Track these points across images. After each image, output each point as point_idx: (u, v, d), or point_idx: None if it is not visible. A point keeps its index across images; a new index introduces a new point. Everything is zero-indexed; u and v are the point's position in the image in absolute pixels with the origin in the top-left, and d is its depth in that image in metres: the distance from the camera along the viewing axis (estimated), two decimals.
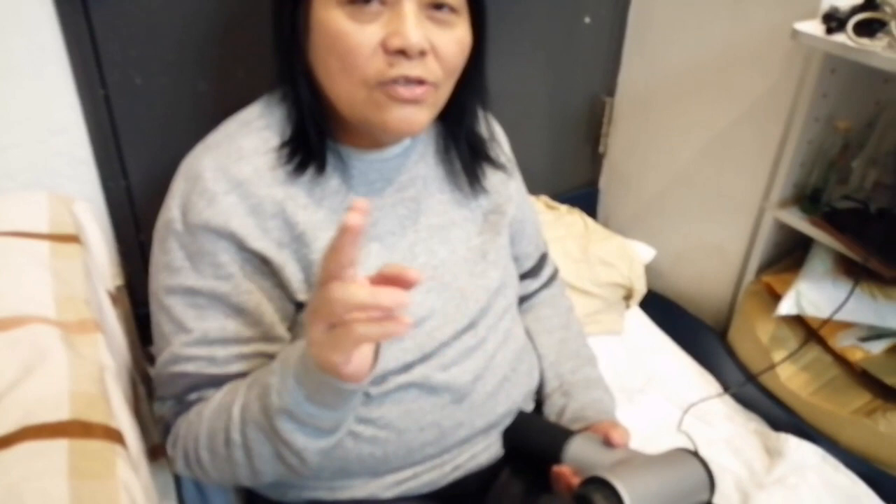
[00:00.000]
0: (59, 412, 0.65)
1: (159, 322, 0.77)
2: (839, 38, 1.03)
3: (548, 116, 1.56)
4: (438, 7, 0.68)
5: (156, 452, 0.87)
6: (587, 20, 1.46)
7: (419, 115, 0.70)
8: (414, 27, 0.65)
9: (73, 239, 0.91)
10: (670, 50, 1.44)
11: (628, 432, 0.82)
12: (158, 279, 0.76)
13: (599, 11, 1.47)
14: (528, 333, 0.98)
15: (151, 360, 0.84)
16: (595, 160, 1.69)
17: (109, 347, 0.79)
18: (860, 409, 1.17)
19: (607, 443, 0.79)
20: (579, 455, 0.79)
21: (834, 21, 1.03)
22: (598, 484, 0.67)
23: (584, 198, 1.68)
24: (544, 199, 1.56)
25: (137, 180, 1.13)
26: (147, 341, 0.91)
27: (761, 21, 1.24)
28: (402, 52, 0.66)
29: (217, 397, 0.73)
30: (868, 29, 0.99)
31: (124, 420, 0.71)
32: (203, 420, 0.73)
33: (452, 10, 0.69)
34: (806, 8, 1.14)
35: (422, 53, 0.67)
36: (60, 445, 0.62)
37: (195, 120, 1.11)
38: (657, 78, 1.49)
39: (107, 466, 0.62)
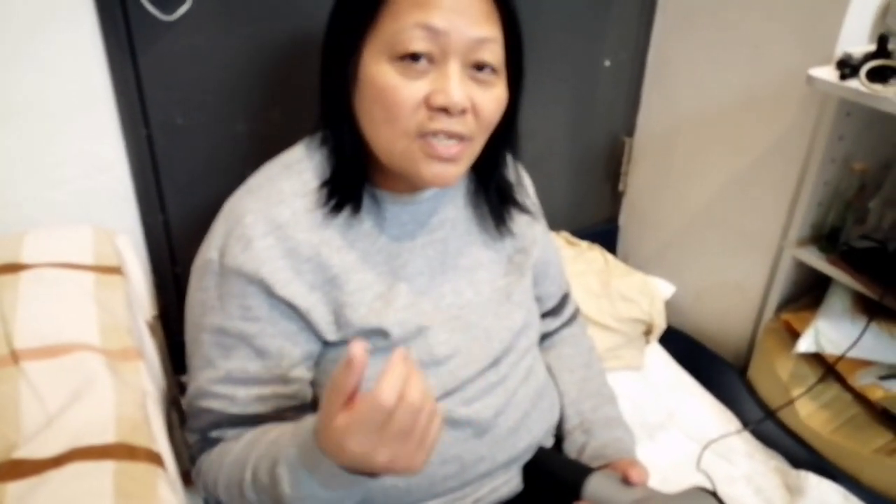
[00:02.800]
0: (106, 435, 0.68)
1: (191, 354, 0.80)
2: (852, 83, 1.06)
3: (569, 155, 1.60)
4: (481, 68, 0.71)
5: (187, 478, 0.90)
6: (607, 63, 1.51)
7: (454, 170, 0.74)
8: (458, 87, 0.69)
9: (115, 270, 0.95)
10: (688, 92, 1.48)
11: (647, 471, 0.84)
12: (193, 313, 0.79)
13: (619, 55, 1.51)
14: (550, 370, 1.00)
15: (183, 388, 0.88)
16: (615, 198, 1.73)
17: (149, 375, 0.83)
18: (882, 449, 1.18)
19: (626, 481, 0.80)
20: (598, 492, 0.80)
21: (847, 67, 1.06)
22: None
23: (604, 234, 1.71)
24: (565, 234, 1.59)
25: (175, 215, 1.18)
26: (179, 370, 0.95)
27: (778, 66, 1.28)
28: (445, 110, 0.69)
29: (235, 450, 0.76)
30: (881, 75, 1.03)
31: (164, 444, 0.75)
32: (223, 467, 0.76)
33: (493, 70, 0.73)
34: (821, 54, 1.18)
35: (462, 111, 0.70)
36: (107, 467, 0.65)
37: (232, 159, 1.17)
38: (676, 119, 1.53)
39: (149, 488, 0.66)
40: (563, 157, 1.59)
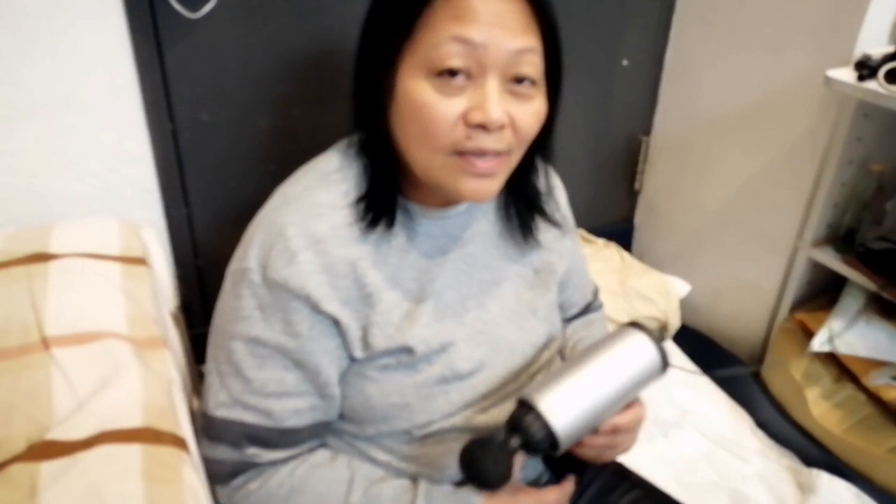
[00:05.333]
0: (133, 420, 0.71)
1: (217, 357, 0.78)
2: (871, 85, 1.07)
3: (586, 153, 1.61)
4: (520, 81, 0.69)
5: None
6: (625, 63, 1.52)
7: (491, 185, 0.72)
8: (496, 103, 0.67)
9: (141, 262, 0.98)
10: (706, 92, 1.49)
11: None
12: (225, 319, 0.77)
13: (637, 55, 1.52)
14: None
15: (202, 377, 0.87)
16: (631, 196, 1.73)
17: (174, 363, 0.86)
18: (895, 448, 1.18)
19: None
20: (552, 403, 0.71)
21: (866, 69, 1.07)
22: (524, 407, 0.67)
23: (620, 233, 1.72)
24: (581, 232, 1.60)
25: (198, 209, 1.20)
26: (201, 360, 0.96)
27: (796, 67, 1.28)
28: (483, 126, 0.67)
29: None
30: None
31: (188, 430, 0.77)
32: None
33: (533, 83, 0.71)
34: (840, 55, 1.18)
35: (500, 127, 0.68)
36: (135, 450, 0.67)
37: (255, 154, 1.19)
38: (693, 119, 1.53)
39: (175, 471, 0.68)
40: (580, 155, 1.60)
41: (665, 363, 0.72)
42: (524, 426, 0.67)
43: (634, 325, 0.74)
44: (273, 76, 1.15)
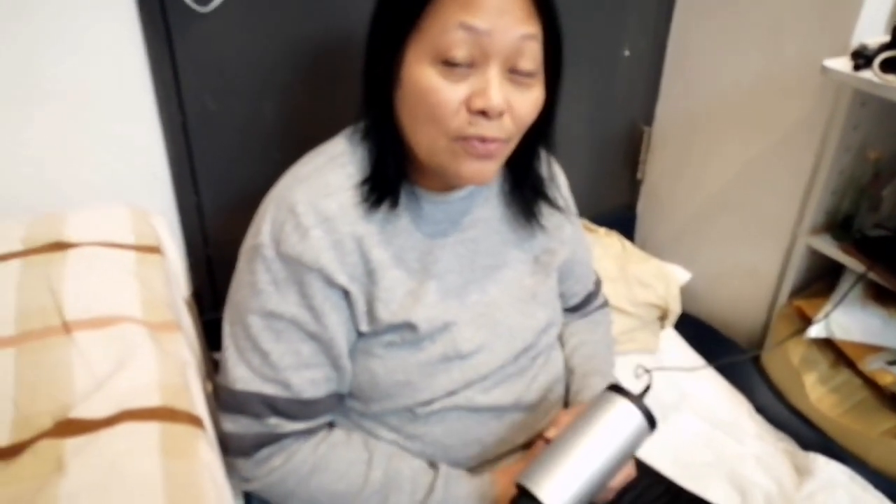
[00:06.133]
0: (151, 399, 0.74)
1: (235, 334, 0.82)
2: (866, 74, 1.09)
3: (589, 143, 1.63)
4: (519, 70, 0.73)
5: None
6: (627, 53, 1.54)
7: (490, 167, 0.76)
8: (497, 90, 0.71)
9: (154, 249, 1.01)
10: (706, 81, 1.50)
11: (567, 414, 0.83)
12: (241, 295, 0.81)
13: (638, 44, 1.54)
14: (560, 341, 1.03)
15: (216, 365, 0.90)
16: (633, 185, 1.76)
17: (188, 346, 0.89)
18: (889, 431, 1.21)
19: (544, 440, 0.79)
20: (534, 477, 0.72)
21: (862, 58, 1.09)
22: (525, 495, 0.68)
23: (623, 221, 1.74)
24: (584, 221, 1.62)
25: (208, 197, 1.23)
26: (213, 347, 0.99)
27: (794, 55, 1.30)
28: (484, 113, 0.72)
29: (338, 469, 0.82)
30: (894, 66, 1.05)
31: (202, 409, 0.80)
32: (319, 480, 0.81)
33: (531, 73, 0.74)
34: (838, 44, 1.20)
35: (500, 114, 0.72)
36: (153, 427, 0.70)
37: (262, 143, 1.22)
38: (694, 107, 1.55)
39: (191, 447, 0.71)
40: (582, 145, 1.62)
41: (653, 424, 0.73)
42: None
43: (615, 388, 0.74)
44: (279, 68, 1.17)
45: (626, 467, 0.82)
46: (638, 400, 0.73)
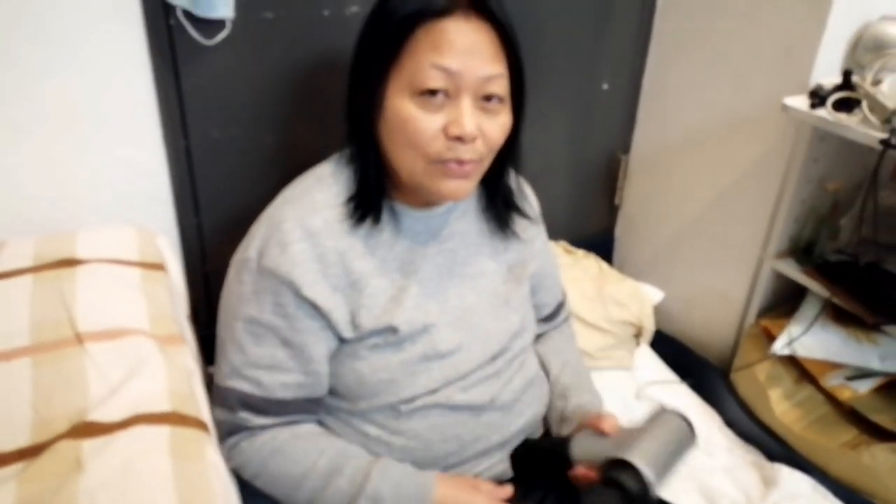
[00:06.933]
0: (161, 405, 0.80)
1: (223, 338, 0.91)
2: (821, 112, 1.17)
3: (569, 170, 1.72)
4: (489, 98, 0.83)
5: None
6: (605, 86, 1.63)
7: (466, 185, 0.86)
8: (469, 119, 0.81)
9: (159, 267, 1.07)
10: (680, 114, 1.60)
11: (615, 416, 0.94)
12: (229, 302, 0.91)
13: (616, 79, 1.63)
14: (539, 354, 1.11)
15: (210, 379, 0.97)
16: (611, 210, 1.84)
17: (192, 357, 0.95)
18: (848, 443, 1.28)
19: (602, 433, 0.91)
20: (586, 451, 0.91)
21: (817, 97, 1.18)
22: (618, 465, 0.80)
23: (602, 244, 1.82)
24: (563, 244, 1.70)
25: (208, 219, 1.29)
26: (209, 362, 1.05)
27: (758, 93, 1.39)
28: (459, 139, 0.81)
29: (289, 453, 0.90)
30: (846, 105, 1.14)
31: (207, 415, 0.86)
32: (273, 461, 0.89)
33: (500, 100, 0.84)
34: (797, 83, 1.29)
35: (474, 139, 0.82)
36: (164, 430, 0.76)
37: (262, 168, 1.28)
38: (668, 138, 1.64)
39: (199, 449, 0.77)
40: (563, 172, 1.71)
41: (695, 438, 0.89)
42: (621, 480, 0.80)
43: (667, 410, 0.90)
44: (280, 97, 1.24)
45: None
46: (691, 424, 0.89)
